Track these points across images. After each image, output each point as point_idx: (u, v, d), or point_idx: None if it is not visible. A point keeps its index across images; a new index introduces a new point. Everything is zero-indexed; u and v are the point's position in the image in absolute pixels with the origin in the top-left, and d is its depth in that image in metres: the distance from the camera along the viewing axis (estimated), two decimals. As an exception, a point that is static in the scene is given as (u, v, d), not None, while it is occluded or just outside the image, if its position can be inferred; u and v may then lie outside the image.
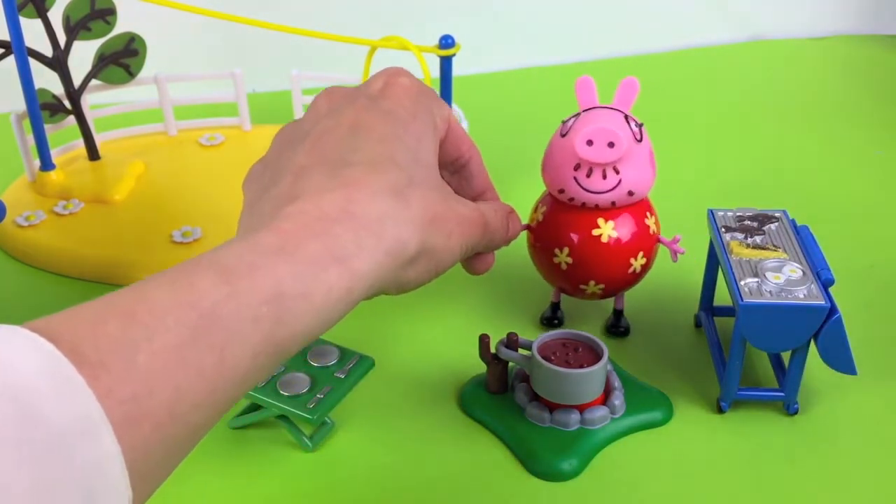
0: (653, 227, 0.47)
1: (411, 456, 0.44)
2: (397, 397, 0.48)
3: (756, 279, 0.43)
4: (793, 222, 0.48)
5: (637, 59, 0.97)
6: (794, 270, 0.44)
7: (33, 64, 0.61)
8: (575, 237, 0.46)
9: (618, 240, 0.46)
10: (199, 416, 0.26)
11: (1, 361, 0.22)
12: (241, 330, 0.27)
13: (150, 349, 0.25)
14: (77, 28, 0.64)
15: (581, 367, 0.43)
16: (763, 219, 0.48)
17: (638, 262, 0.47)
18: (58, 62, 0.64)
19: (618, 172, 0.44)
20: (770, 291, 0.42)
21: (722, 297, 0.52)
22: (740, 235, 0.47)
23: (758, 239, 0.47)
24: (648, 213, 0.47)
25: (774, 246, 0.46)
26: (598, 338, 0.44)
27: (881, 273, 0.58)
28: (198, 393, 0.26)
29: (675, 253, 0.48)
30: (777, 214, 0.49)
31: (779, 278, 0.43)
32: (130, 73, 0.68)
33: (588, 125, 0.43)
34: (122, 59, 0.67)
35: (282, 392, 0.42)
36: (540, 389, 0.44)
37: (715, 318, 0.52)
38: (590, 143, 0.43)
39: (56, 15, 0.63)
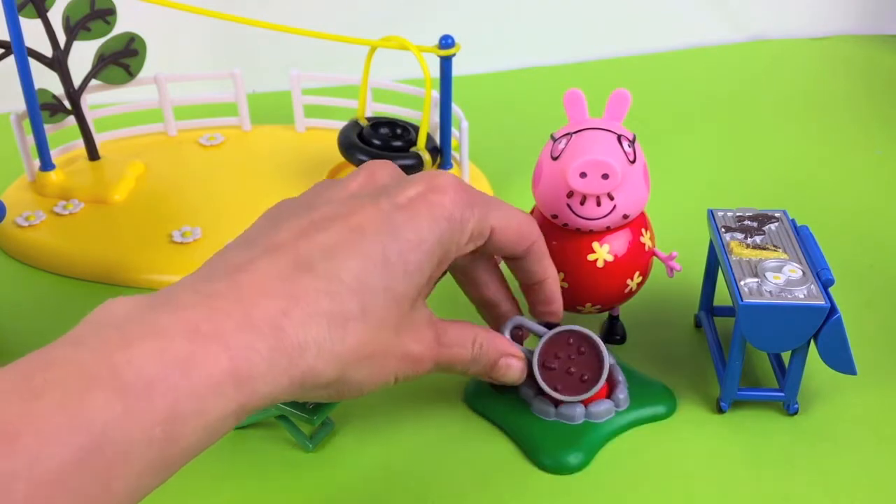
0: (648, 244, 0.47)
1: (416, 453, 0.44)
2: (400, 396, 0.48)
3: (756, 279, 0.43)
4: (793, 222, 0.48)
5: (637, 59, 0.97)
6: (794, 270, 0.44)
7: (33, 64, 0.61)
8: (569, 262, 0.45)
9: (614, 263, 0.45)
10: None
11: None
12: (131, 453, 0.26)
13: (31, 479, 0.24)
14: (77, 28, 0.64)
15: (581, 379, 0.43)
16: (763, 219, 0.48)
17: (634, 282, 0.47)
18: (58, 62, 0.64)
19: (612, 199, 0.43)
20: (770, 291, 0.42)
21: (722, 297, 0.52)
22: (740, 235, 0.47)
23: (758, 239, 0.47)
24: (643, 230, 0.46)
25: (774, 246, 0.46)
26: (599, 337, 0.43)
27: (881, 273, 0.58)
28: None
29: (670, 269, 0.47)
30: (777, 214, 0.49)
31: (779, 278, 0.43)
32: (130, 73, 0.68)
33: (581, 155, 0.42)
34: (122, 59, 0.67)
35: (282, 392, 0.42)
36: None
37: (715, 318, 0.52)
38: (583, 175, 0.42)
39: (56, 15, 0.63)
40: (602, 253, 0.45)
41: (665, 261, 0.47)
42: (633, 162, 0.43)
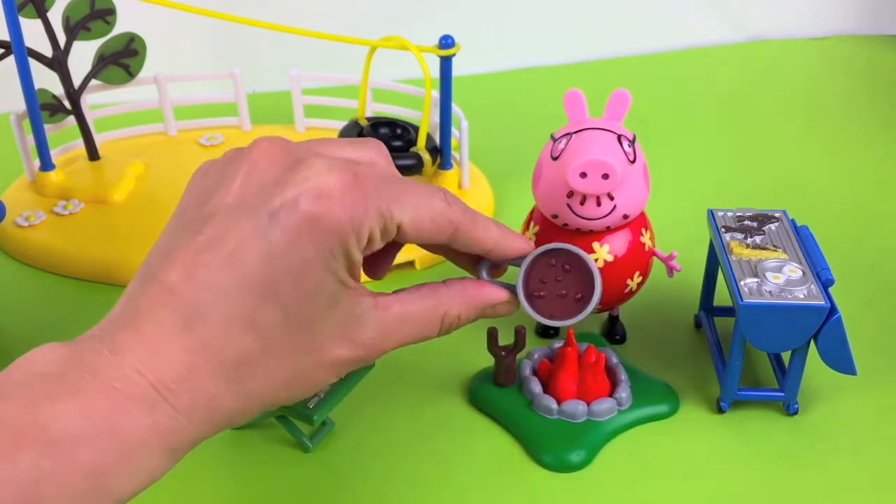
0: (648, 244, 0.47)
1: (417, 451, 0.44)
2: (402, 394, 0.48)
3: (756, 279, 0.43)
4: (793, 222, 0.48)
5: (637, 59, 0.97)
6: (794, 270, 0.44)
7: (33, 64, 0.61)
8: None
9: (614, 263, 0.45)
10: None
11: None
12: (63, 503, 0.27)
13: None
14: (77, 28, 0.64)
15: (575, 298, 0.38)
16: (763, 219, 0.48)
17: (634, 282, 0.47)
18: (58, 62, 0.64)
19: (612, 199, 0.43)
20: (770, 291, 0.42)
21: (722, 297, 0.52)
22: (740, 235, 0.47)
23: (758, 239, 0.47)
24: (643, 230, 0.46)
25: (774, 246, 0.46)
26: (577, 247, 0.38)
27: (881, 273, 0.58)
28: None
29: (670, 269, 0.47)
30: (777, 214, 0.49)
31: (779, 278, 0.43)
32: (130, 73, 0.68)
33: (581, 155, 0.42)
34: (122, 59, 0.67)
35: (282, 392, 0.42)
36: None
37: (715, 318, 0.52)
38: (583, 175, 0.42)
39: (56, 15, 0.63)
40: (602, 253, 0.45)
41: (665, 261, 0.47)
42: (633, 162, 0.43)
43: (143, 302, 0.31)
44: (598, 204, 0.43)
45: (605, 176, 0.42)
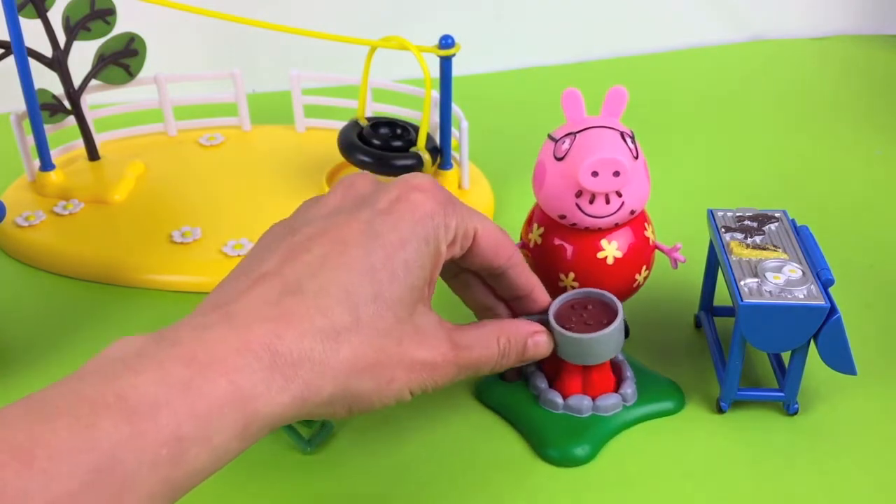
0: (652, 238, 0.47)
1: (420, 447, 0.44)
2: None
3: (756, 279, 0.43)
4: (793, 222, 0.48)
5: (637, 59, 0.97)
6: (794, 270, 0.44)
7: (33, 64, 0.61)
8: (579, 262, 0.45)
9: (622, 259, 0.45)
10: None
11: None
12: (139, 473, 0.27)
13: (45, 498, 0.25)
14: (77, 28, 0.64)
15: (601, 323, 0.43)
16: (763, 219, 0.48)
17: (642, 276, 0.47)
18: (57, 62, 0.64)
19: (620, 196, 0.43)
20: (770, 291, 0.42)
21: (722, 297, 0.52)
22: (740, 235, 0.47)
23: (758, 239, 0.47)
24: (646, 224, 0.47)
25: (774, 246, 0.46)
26: (605, 291, 0.44)
27: (881, 273, 0.58)
28: None
29: (674, 261, 0.47)
30: (777, 214, 0.49)
31: (779, 278, 0.43)
32: (130, 74, 0.68)
33: (590, 154, 0.42)
34: (122, 59, 0.67)
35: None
36: (568, 356, 0.43)
37: (715, 318, 0.52)
38: (595, 174, 0.42)
39: (56, 15, 0.63)
40: (611, 250, 0.45)
41: (668, 253, 0.47)
42: (637, 158, 0.43)
43: (230, 288, 0.32)
44: (608, 202, 0.43)
45: (616, 173, 0.42)
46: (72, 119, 0.67)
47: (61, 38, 0.64)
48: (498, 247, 0.39)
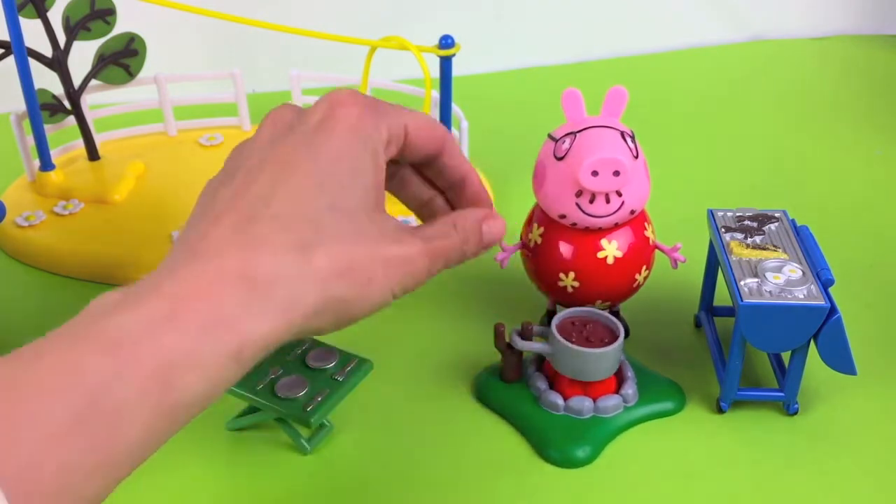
0: (651, 238, 0.47)
1: (420, 448, 0.44)
2: (406, 391, 0.48)
3: (756, 279, 0.43)
4: (793, 222, 0.48)
5: (637, 59, 0.97)
6: (794, 270, 0.44)
7: (33, 64, 0.61)
8: (580, 261, 0.46)
9: (622, 259, 0.46)
10: (93, 488, 0.27)
11: None
12: (129, 405, 0.27)
13: (35, 430, 0.26)
14: (77, 28, 0.64)
15: (602, 341, 0.44)
16: (763, 219, 0.48)
17: (642, 276, 0.47)
18: (57, 62, 0.64)
19: (620, 195, 0.43)
20: (770, 291, 0.42)
21: (722, 297, 0.52)
22: (740, 235, 0.47)
23: (758, 239, 0.47)
24: (646, 224, 0.47)
25: (774, 246, 0.46)
26: (609, 314, 0.45)
27: (881, 273, 0.58)
28: (89, 468, 0.27)
29: (674, 261, 0.48)
30: (777, 214, 0.49)
31: (779, 278, 0.43)
32: (130, 73, 0.68)
33: (590, 153, 0.42)
34: (122, 59, 0.67)
35: (279, 395, 0.42)
36: (564, 369, 0.44)
37: (715, 318, 0.52)
38: (595, 173, 0.42)
39: (56, 15, 0.63)
40: (611, 249, 0.45)
41: (668, 253, 0.47)
42: (636, 158, 0.43)
43: (191, 233, 0.33)
44: (608, 201, 0.43)
45: (617, 173, 0.42)
46: (72, 119, 0.67)
47: (61, 38, 0.64)
48: (430, 135, 0.39)
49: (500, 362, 0.47)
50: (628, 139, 0.43)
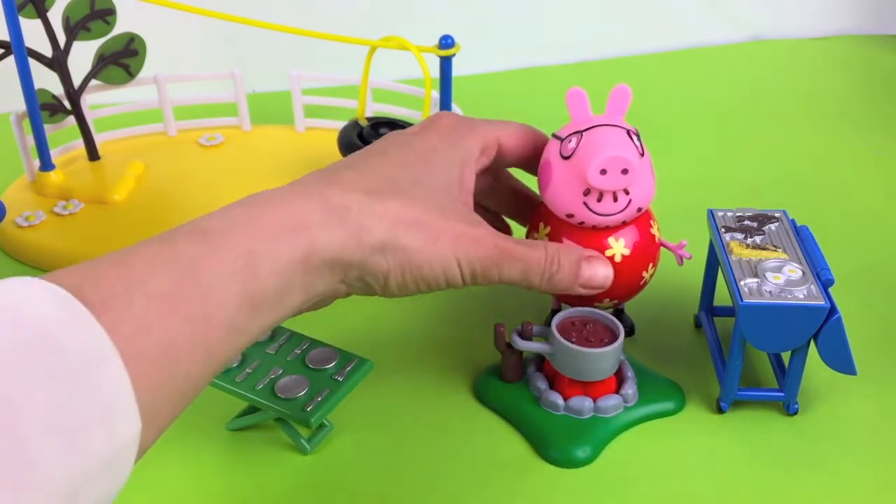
0: (657, 235, 0.47)
1: (420, 448, 0.44)
2: (406, 392, 0.48)
3: (756, 279, 0.43)
4: (793, 222, 0.48)
5: (637, 59, 0.97)
6: (794, 271, 0.44)
7: (33, 64, 0.61)
8: None
9: (630, 257, 0.45)
10: (190, 362, 0.29)
11: (20, 300, 0.26)
12: (221, 280, 0.31)
13: (145, 293, 0.29)
14: (77, 28, 0.64)
15: (602, 341, 0.44)
16: (763, 219, 0.48)
17: (648, 273, 0.47)
18: (57, 62, 0.64)
19: (628, 193, 0.43)
20: (770, 292, 0.42)
21: (722, 297, 0.52)
22: (740, 235, 0.47)
23: (758, 239, 0.47)
24: (652, 222, 0.47)
25: (774, 246, 0.46)
26: (609, 314, 0.46)
27: (881, 273, 0.58)
28: (186, 340, 0.29)
29: (680, 258, 0.48)
30: (777, 214, 0.49)
31: (779, 278, 0.43)
32: (130, 74, 0.68)
33: (599, 152, 0.42)
34: (122, 60, 0.67)
35: (279, 395, 0.42)
36: (564, 369, 0.44)
37: (715, 318, 0.52)
38: (604, 172, 0.42)
39: (56, 15, 0.63)
40: (618, 248, 0.45)
41: (674, 250, 0.47)
42: (643, 156, 0.44)
43: (306, 176, 0.39)
44: (615, 199, 0.43)
45: (625, 171, 0.42)
46: (72, 119, 0.67)
47: (61, 38, 0.64)
48: (523, 142, 0.45)
49: (500, 362, 0.47)
50: (634, 137, 0.43)
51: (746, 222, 0.48)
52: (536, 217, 0.48)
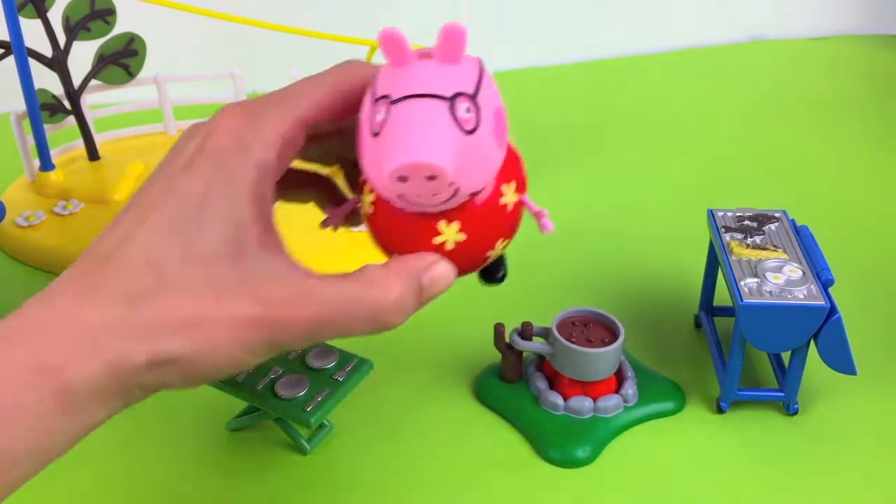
0: (511, 201, 0.36)
1: (420, 447, 0.44)
2: (406, 391, 0.48)
3: (756, 279, 0.43)
4: (793, 222, 0.48)
5: (637, 59, 0.97)
6: (794, 271, 0.44)
7: (33, 64, 0.61)
8: (412, 245, 0.35)
9: (467, 242, 0.35)
10: None
11: None
12: None
13: None
14: (77, 28, 0.64)
15: (602, 341, 0.44)
16: (763, 219, 0.48)
17: (496, 251, 0.36)
18: (57, 62, 0.64)
19: (452, 183, 0.32)
20: (770, 292, 0.42)
21: (722, 297, 0.52)
22: (740, 235, 0.47)
23: (758, 239, 0.47)
24: (503, 186, 0.35)
25: (774, 246, 0.46)
26: (609, 314, 0.45)
27: (881, 273, 0.58)
28: None
29: (543, 227, 0.37)
30: (777, 214, 0.49)
31: (779, 278, 0.43)
32: (130, 73, 0.68)
33: (397, 148, 0.31)
34: (122, 59, 0.67)
35: (279, 395, 0.42)
36: (564, 369, 0.44)
37: (715, 318, 0.52)
38: (403, 178, 0.31)
39: (56, 15, 0.63)
40: (451, 233, 0.35)
41: (536, 217, 0.37)
42: (475, 129, 0.32)
43: (62, 276, 0.31)
44: (435, 193, 0.32)
45: (432, 178, 0.31)
46: (72, 119, 0.67)
47: (61, 38, 0.64)
48: (345, 101, 0.35)
49: (500, 362, 0.47)
50: (462, 107, 0.32)
51: (746, 222, 0.48)
52: (363, 179, 0.37)
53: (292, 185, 0.38)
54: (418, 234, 0.35)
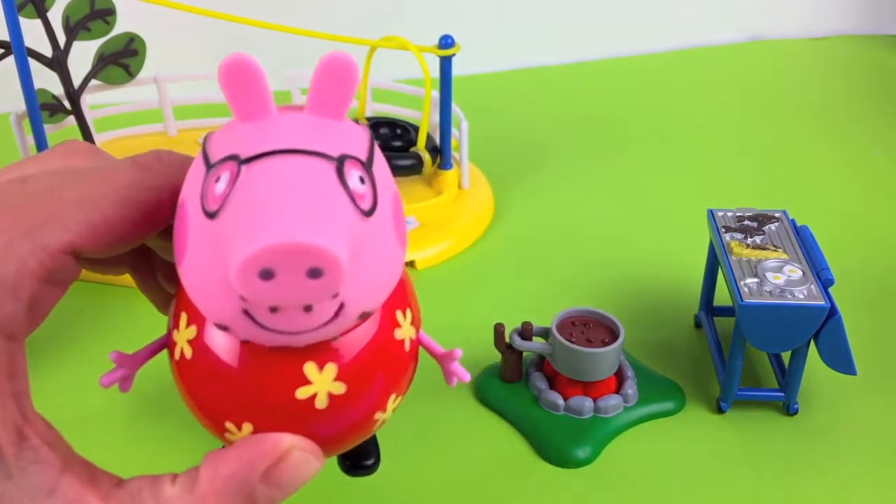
0: (409, 337, 0.27)
1: (420, 447, 0.44)
2: (406, 393, 0.48)
3: (756, 279, 0.43)
4: (793, 222, 0.48)
5: (637, 59, 0.97)
6: (794, 271, 0.44)
7: (33, 64, 0.61)
8: (261, 406, 0.24)
9: (347, 395, 0.25)
10: None
11: None
12: None
13: None
14: (77, 28, 0.64)
15: (602, 341, 0.44)
16: (763, 219, 0.48)
17: (386, 414, 0.28)
18: (57, 62, 0.64)
19: (336, 295, 0.21)
20: (770, 292, 0.42)
21: (722, 297, 0.52)
22: (740, 235, 0.47)
23: (758, 239, 0.47)
24: (400, 313, 0.26)
25: (774, 246, 0.46)
26: (609, 314, 0.46)
27: (881, 273, 0.58)
28: None
29: (453, 376, 0.30)
30: (777, 214, 0.49)
31: (779, 278, 0.43)
32: (130, 73, 0.68)
33: (257, 228, 0.20)
34: (122, 59, 0.67)
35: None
36: (564, 369, 0.44)
37: (715, 318, 0.52)
38: (267, 274, 0.20)
39: (56, 15, 0.63)
40: (323, 382, 0.24)
41: (444, 363, 0.29)
42: (372, 210, 0.22)
43: None
44: (308, 310, 0.21)
45: (317, 273, 0.20)
46: (72, 119, 0.67)
47: (61, 38, 0.64)
48: (130, 215, 0.25)
49: (500, 362, 0.47)
50: (353, 174, 0.21)
51: (746, 222, 0.48)
52: (179, 300, 0.26)
53: (98, 262, 0.27)
54: (271, 384, 0.24)
